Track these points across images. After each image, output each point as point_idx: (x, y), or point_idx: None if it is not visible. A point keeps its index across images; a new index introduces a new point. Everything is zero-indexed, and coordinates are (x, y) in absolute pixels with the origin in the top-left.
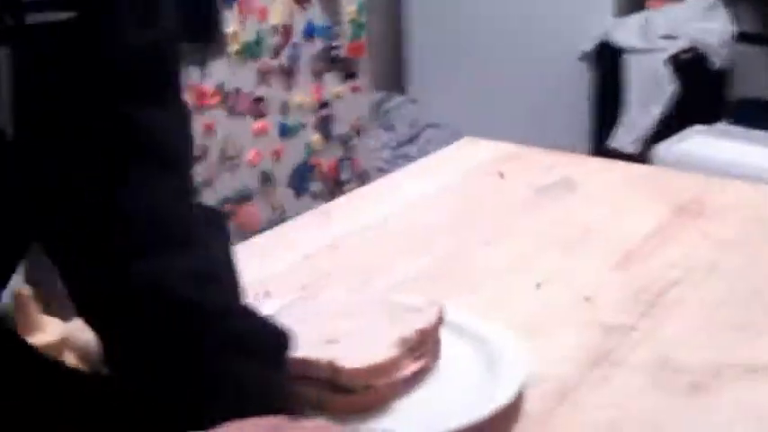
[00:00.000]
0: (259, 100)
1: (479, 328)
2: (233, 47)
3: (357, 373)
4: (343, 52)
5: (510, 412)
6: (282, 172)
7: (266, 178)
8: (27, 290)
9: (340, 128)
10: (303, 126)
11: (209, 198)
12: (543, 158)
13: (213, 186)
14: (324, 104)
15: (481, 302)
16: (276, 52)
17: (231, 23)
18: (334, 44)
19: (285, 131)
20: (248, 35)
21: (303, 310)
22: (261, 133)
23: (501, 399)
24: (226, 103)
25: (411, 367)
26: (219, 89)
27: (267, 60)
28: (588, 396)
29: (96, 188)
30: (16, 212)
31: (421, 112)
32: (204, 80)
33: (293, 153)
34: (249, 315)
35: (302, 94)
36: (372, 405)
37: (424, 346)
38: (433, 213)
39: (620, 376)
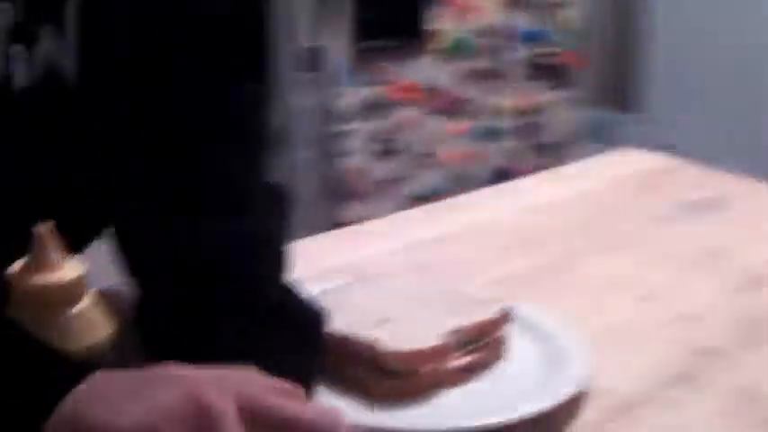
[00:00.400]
0: (460, 101)
1: (553, 332)
2: (438, 44)
3: (399, 356)
4: (555, 60)
5: (559, 415)
6: (477, 175)
7: (459, 180)
8: (47, 227)
9: (544, 137)
10: (503, 131)
11: (399, 193)
12: (699, 175)
13: (406, 182)
14: (529, 112)
15: (576, 308)
16: (483, 54)
17: (438, 20)
18: (546, 51)
19: (484, 135)
20: (455, 34)
21: (362, 291)
22: (458, 134)
23: (550, 399)
24: (426, 101)
25: (462, 359)
26: (421, 86)
27: (473, 61)
28: (651, 415)
29: (159, 145)
30: (81, 162)
31: (645, 133)
32: (405, 75)
33: (490, 157)
34: (287, 290)
35: (506, 98)
36: (415, 392)
37: (481, 340)
38: (557, 218)
39: (694, 401)
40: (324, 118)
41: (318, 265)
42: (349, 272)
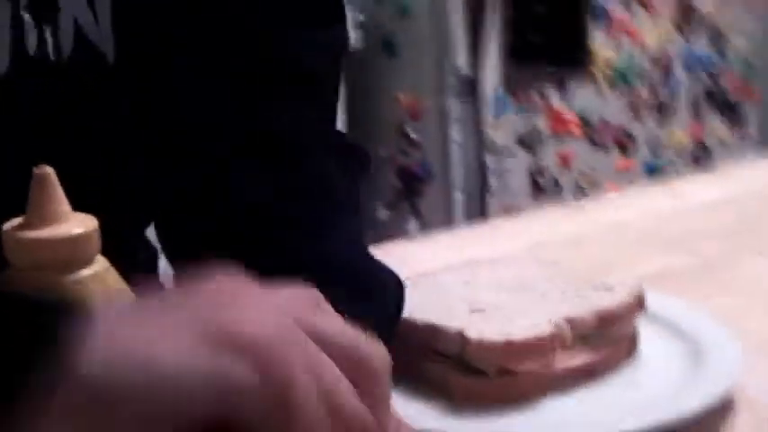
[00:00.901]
0: (626, 134)
1: (696, 330)
2: (602, 72)
3: (489, 350)
4: (727, 91)
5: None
6: None
7: None
8: (49, 170)
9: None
10: (675, 167)
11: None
12: None
13: None
14: (702, 146)
15: (729, 310)
16: (651, 83)
17: (602, 46)
18: (717, 80)
19: (653, 170)
20: (621, 61)
21: (455, 278)
22: (625, 170)
23: (689, 409)
24: (588, 133)
25: (578, 357)
26: (582, 117)
27: (639, 91)
28: None
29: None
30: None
31: None
32: (566, 105)
33: None
34: (361, 250)
35: (677, 132)
36: (511, 397)
37: (604, 334)
38: (711, 218)
39: None
40: (476, 149)
41: (434, 263)
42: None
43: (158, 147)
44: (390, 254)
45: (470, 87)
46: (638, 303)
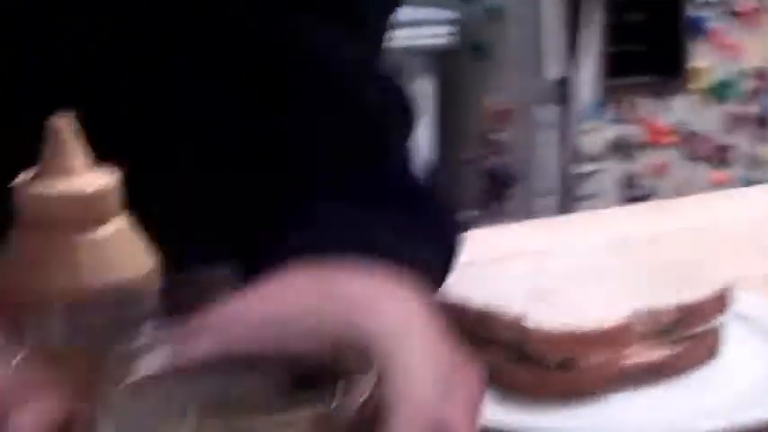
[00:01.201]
0: (723, 148)
1: None
2: (699, 84)
3: (550, 339)
4: None
5: None
6: None
7: None
8: (66, 118)
9: None
10: None
11: None
12: None
13: None
14: None
15: None
16: (750, 97)
17: (701, 59)
18: None
19: (749, 185)
20: (719, 74)
21: (529, 264)
22: (720, 183)
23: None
24: (683, 145)
25: (653, 352)
26: (678, 129)
27: (738, 105)
28: None
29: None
30: None
31: None
32: (661, 116)
33: None
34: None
35: None
36: (569, 391)
37: (684, 329)
38: None
39: None
40: (568, 156)
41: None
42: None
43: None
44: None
45: (562, 93)
46: (724, 301)
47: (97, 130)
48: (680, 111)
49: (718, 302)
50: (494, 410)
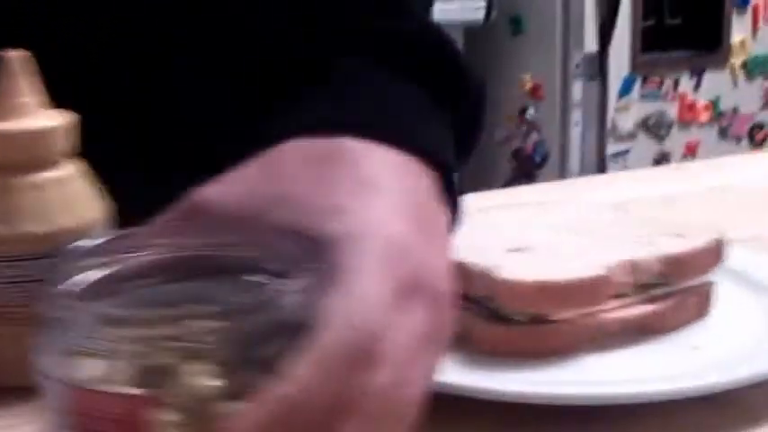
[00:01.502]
0: (760, 126)
1: None
2: (738, 58)
3: (520, 292)
4: None
5: None
6: None
7: None
8: (20, 54)
9: None
10: None
11: None
12: None
13: None
14: None
15: None
16: None
17: (740, 31)
18: None
19: None
20: (760, 48)
21: (515, 215)
22: None
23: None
24: (718, 123)
25: (631, 309)
26: (713, 105)
27: None
28: None
29: None
30: None
31: None
32: (698, 92)
33: None
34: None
35: None
36: (542, 349)
37: (670, 284)
38: None
39: None
40: (598, 134)
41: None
42: None
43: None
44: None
45: (598, 69)
46: (716, 254)
47: (97, 129)
48: (717, 87)
49: (708, 256)
50: (462, 372)
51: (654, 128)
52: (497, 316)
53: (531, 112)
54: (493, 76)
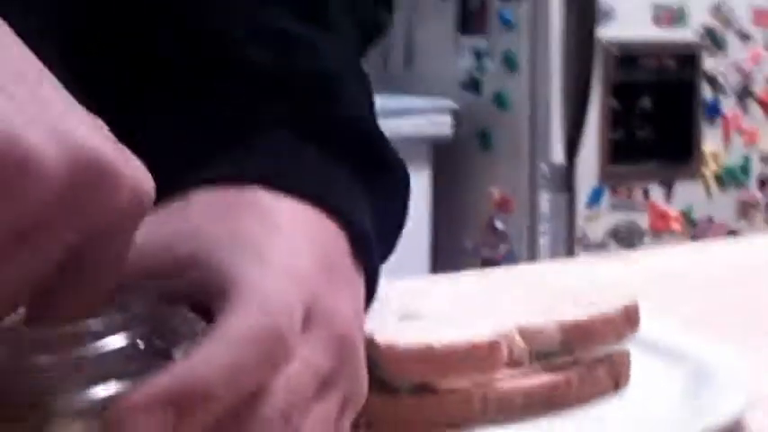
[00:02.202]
0: (732, 234)
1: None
2: (710, 169)
3: (402, 359)
4: None
5: None
6: None
7: None
8: None
9: None
10: None
11: None
12: None
13: None
14: None
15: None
16: (764, 184)
17: (711, 142)
18: None
19: None
20: (731, 159)
21: (406, 284)
22: None
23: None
24: (690, 232)
25: (529, 379)
26: (686, 215)
27: (752, 191)
28: None
29: None
30: None
31: None
32: (670, 202)
33: None
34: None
35: None
36: (428, 420)
37: (574, 353)
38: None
39: None
40: (567, 243)
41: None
42: None
43: None
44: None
45: (566, 181)
46: (628, 321)
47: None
48: (689, 197)
49: (617, 323)
50: None
51: (625, 237)
52: (383, 385)
53: (499, 224)
54: (461, 190)
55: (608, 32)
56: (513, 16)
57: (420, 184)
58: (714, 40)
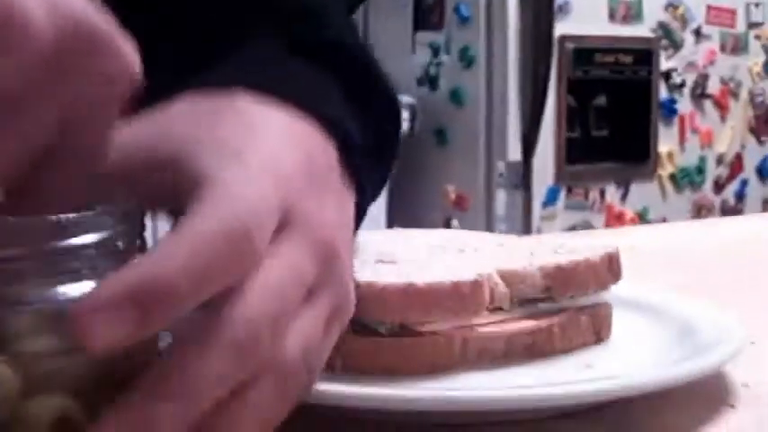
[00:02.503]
0: None
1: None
2: (666, 170)
3: (382, 299)
4: None
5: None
6: None
7: None
8: None
9: None
10: None
11: None
12: None
13: None
14: None
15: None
16: (719, 186)
17: (667, 142)
18: None
19: None
20: (687, 160)
21: (390, 238)
22: None
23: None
24: None
25: (510, 324)
26: (641, 216)
27: (707, 194)
28: None
29: None
30: None
31: None
32: (624, 203)
33: None
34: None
35: None
36: (408, 363)
37: (556, 299)
38: None
39: None
40: None
41: None
42: None
43: None
44: None
45: (523, 179)
46: (610, 269)
47: None
48: (644, 197)
49: (600, 270)
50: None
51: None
52: (362, 327)
53: (455, 222)
54: (417, 187)
55: (563, 28)
56: (469, 11)
57: None
58: (670, 38)
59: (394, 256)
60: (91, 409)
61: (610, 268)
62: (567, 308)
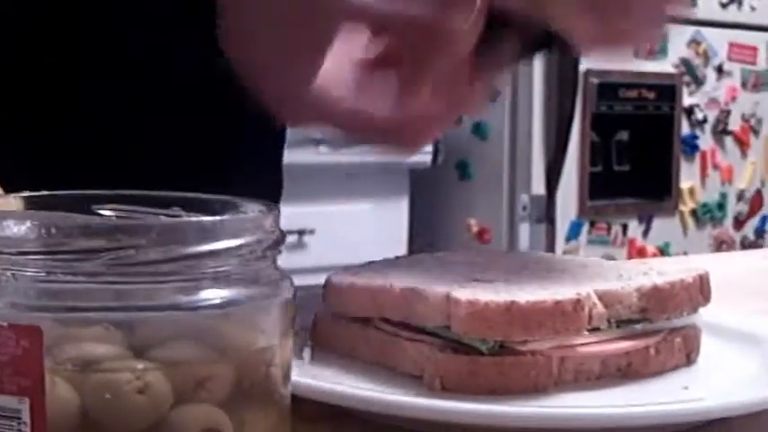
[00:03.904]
0: None
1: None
2: (687, 206)
3: (483, 317)
4: None
5: None
6: None
7: None
8: None
9: None
10: None
11: None
12: None
13: None
14: None
15: None
16: (740, 222)
17: (688, 178)
18: None
19: None
20: (708, 196)
21: (472, 258)
22: None
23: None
24: None
25: (608, 344)
26: (662, 251)
27: (727, 229)
28: None
29: None
30: None
31: None
32: (646, 238)
33: None
34: None
35: None
36: (508, 384)
37: (651, 320)
38: None
39: None
40: None
41: None
42: None
43: None
44: None
45: (545, 212)
46: (701, 290)
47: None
48: (666, 232)
49: (691, 291)
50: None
51: None
52: (456, 347)
53: None
54: (440, 220)
55: (588, 62)
56: None
57: (398, 213)
58: (692, 74)
59: (482, 276)
60: (236, 421)
61: (701, 290)
62: (661, 329)
